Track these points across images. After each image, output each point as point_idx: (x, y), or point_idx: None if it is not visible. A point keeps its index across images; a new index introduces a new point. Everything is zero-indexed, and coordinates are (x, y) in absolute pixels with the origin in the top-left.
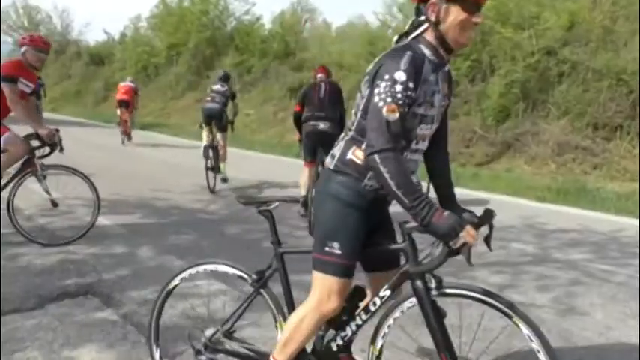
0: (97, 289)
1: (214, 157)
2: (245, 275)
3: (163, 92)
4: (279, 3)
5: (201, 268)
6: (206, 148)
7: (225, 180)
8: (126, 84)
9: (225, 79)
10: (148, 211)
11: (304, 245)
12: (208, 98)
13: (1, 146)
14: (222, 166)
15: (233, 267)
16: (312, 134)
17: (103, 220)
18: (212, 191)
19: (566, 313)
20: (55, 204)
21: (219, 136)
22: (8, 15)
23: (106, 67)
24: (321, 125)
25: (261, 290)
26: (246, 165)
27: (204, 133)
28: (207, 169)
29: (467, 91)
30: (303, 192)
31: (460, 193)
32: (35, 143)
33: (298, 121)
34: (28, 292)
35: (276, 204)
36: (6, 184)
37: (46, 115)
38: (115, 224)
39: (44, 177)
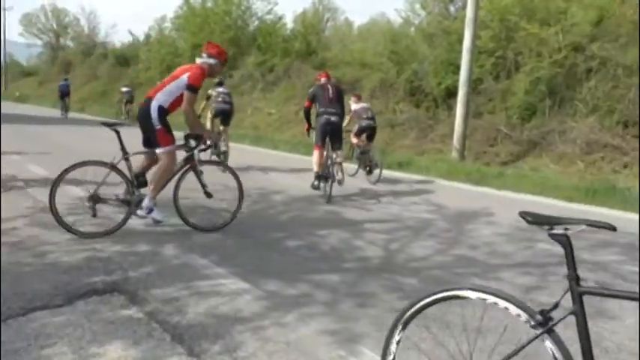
0: (123, 287)
1: (221, 148)
2: (527, 315)
3: None
4: (301, 2)
5: (474, 295)
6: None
7: (225, 153)
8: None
9: (222, 83)
10: (172, 210)
11: (609, 285)
12: (219, 99)
13: (159, 154)
14: (224, 147)
15: (516, 304)
16: (325, 125)
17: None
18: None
19: (596, 317)
20: (209, 195)
21: (222, 128)
22: (38, 18)
23: (131, 68)
24: (332, 118)
25: (547, 335)
26: (270, 161)
27: (209, 126)
28: (212, 154)
29: (491, 88)
30: (316, 168)
31: (484, 192)
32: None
33: (308, 115)
34: (56, 288)
35: (582, 227)
36: (169, 179)
37: (73, 114)
38: (139, 222)
39: (201, 172)
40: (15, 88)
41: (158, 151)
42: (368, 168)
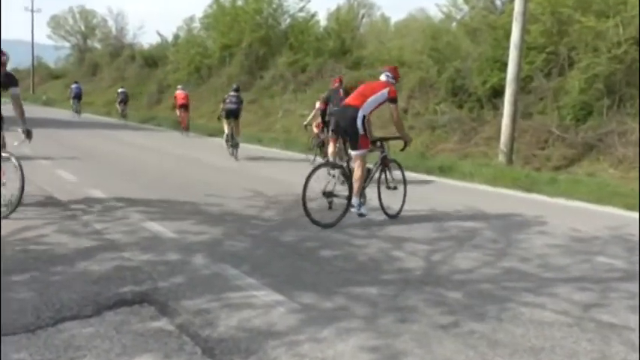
0: (153, 298)
1: (233, 140)
2: None
3: (215, 94)
4: None
5: None
6: (227, 135)
7: (237, 144)
8: (182, 92)
9: (238, 89)
10: (201, 217)
11: None
12: (228, 101)
13: (355, 156)
14: (238, 139)
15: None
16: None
17: (156, 226)
18: (236, 159)
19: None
20: (395, 188)
21: (234, 123)
22: (65, 20)
23: (159, 70)
24: None
25: None
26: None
27: (226, 125)
28: (229, 147)
29: (542, 87)
30: (331, 158)
31: (534, 199)
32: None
33: (324, 115)
34: (85, 298)
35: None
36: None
37: (99, 117)
38: (168, 230)
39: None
40: (42, 91)
41: (357, 152)
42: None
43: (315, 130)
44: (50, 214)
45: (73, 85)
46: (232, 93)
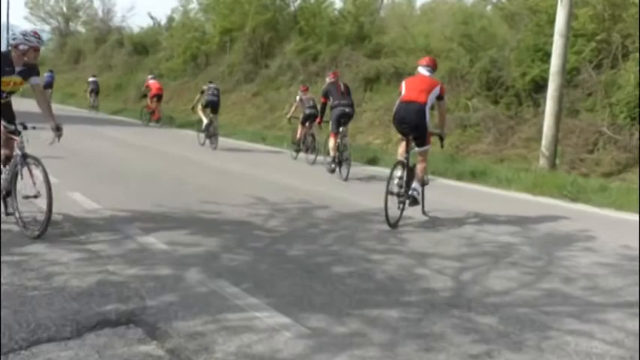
0: (140, 318)
1: (213, 130)
2: None
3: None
4: None
5: None
6: (207, 125)
7: (216, 135)
8: (155, 82)
9: (212, 82)
10: (196, 226)
11: None
12: (210, 92)
13: (421, 152)
14: (217, 130)
15: None
16: (341, 115)
17: (144, 236)
18: (214, 149)
19: None
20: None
21: (213, 116)
22: (46, 1)
23: (150, 57)
24: (347, 109)
25: None
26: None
27: (204, 116)
28: (206, 137)
29: (591, 80)
30: (332, 153)
31: (581, 210)
32: None
33: (324, 110)
34: (63, 317)
35: None
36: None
37: (74, 110)
38: (159, 241)
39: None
40: None
41: (423, 149)
42: (309, 150)
43: (300, 128)
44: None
45: (46, 74)
46: (212, 85)
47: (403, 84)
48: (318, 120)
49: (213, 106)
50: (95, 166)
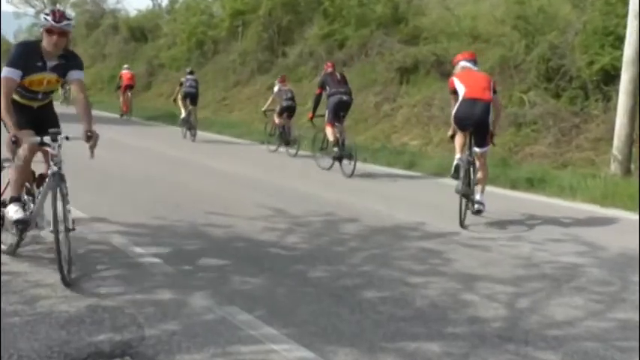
0: (138, 350)
1: (192, 122)
2: None
3: (224, 77)
4: None
5: None
6: (186, 117)
7: (195, 127)
8: (127, 72)
9: (192, 72)
10: (202, 242)
11: None
12: (188, 84)
13: (482, 153)
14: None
15: None
16: (339, 103)
17: (142, 253)
18: (193, 141)
19: None
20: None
21: (192, 108)
22: None
23: (149, 45)
24: (344, 97)
25: None
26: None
27: (184, 108)
28: (187, 129)
29: None
30: (331, 139)
31: None
32: None
33: (318, 103)
34: (49, 348)
35: None
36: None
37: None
38: (159, 260)
39: None
40: None
41: (484, 149)
42: (288, 144)
43: (277, 119)
44: (7, 236)
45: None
46: (190, 77)
47: (457, 80)
48: (310, 115)
49: (192, 98)
50: (88, 170)
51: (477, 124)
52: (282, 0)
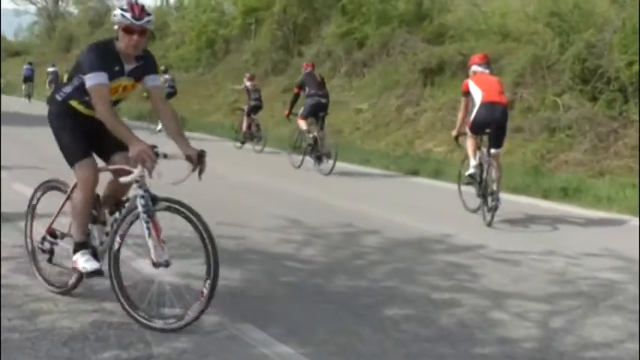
0: None
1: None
2: None
3: (236, 78)
4: None
5: None
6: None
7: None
8: None
9: (167, 71)
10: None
11: None
12: (167, 85)
13: (497, 154)
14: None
15: None
16: (317, 105)
17: (148, 267)
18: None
19: None
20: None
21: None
22: None
23: (156, 44)
24: (322, 100)
25: None
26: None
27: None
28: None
29: None
30: (304, 128)
31: None
32: None
33: (295, 101)
34: None
35: None
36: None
37: None
38: (165, 272)
39: None
40: None
41: (499, 150)
42: (256, 139)
43: (245, 119)
44: (5, 246)
45: (25, 67)
46: (167, 77)
47: (473, 84)
48: (286, 112)
49: (168, 98)
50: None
51: (496, 127)
52: None
